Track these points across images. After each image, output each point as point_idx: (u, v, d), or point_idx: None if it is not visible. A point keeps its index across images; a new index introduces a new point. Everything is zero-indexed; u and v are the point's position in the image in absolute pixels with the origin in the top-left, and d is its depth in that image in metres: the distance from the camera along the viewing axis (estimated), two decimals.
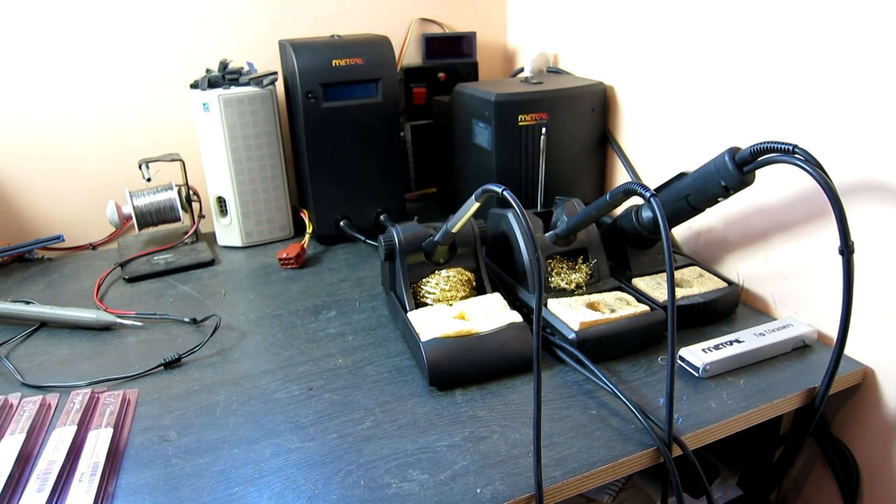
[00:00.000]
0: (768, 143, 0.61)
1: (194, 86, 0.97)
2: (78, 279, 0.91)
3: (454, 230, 0.70)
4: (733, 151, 0.64)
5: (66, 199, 1.03)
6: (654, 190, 0.68)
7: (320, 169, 0.98)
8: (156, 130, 1.08)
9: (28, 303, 0.81)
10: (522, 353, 0.67)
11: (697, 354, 0.66)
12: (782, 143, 0.60)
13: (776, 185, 0.73)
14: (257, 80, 0.96)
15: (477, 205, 0.64)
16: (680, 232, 0.89)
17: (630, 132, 0.96)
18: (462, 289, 0.75)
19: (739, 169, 0.64)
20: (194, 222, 1.03)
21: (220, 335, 0.76)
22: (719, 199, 0.68)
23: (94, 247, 1.04)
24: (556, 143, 0.93)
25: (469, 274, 0.76)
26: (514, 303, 0.78)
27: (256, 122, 0.97)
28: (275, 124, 0.99)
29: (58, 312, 0.78)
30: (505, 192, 0.56)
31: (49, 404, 0.63)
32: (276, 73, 1.00)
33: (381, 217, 1.02)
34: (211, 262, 0.97)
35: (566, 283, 0.75)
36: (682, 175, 0.73)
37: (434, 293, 0.74)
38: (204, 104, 0.96)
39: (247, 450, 0.57)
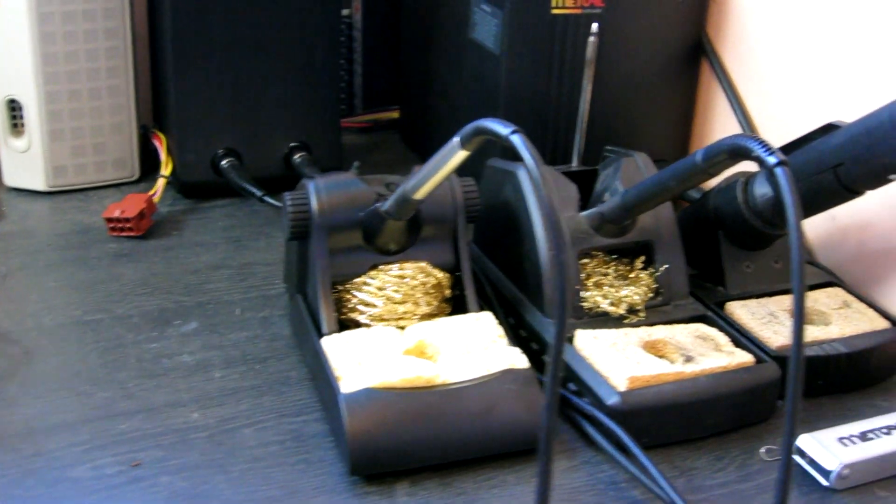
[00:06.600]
0: None
1: None
2: None
3: (417, 196, 0.69)
4: None
5: None
6: (782, 150, 0.66)
7: (194, 64, 0.98)
8: None
9: None
10: (522, 426, 0.67)
11: (830, 447, 0.67)
12: None
13: None
14: None
15: (462, 155, 0.63)
16: (817, 226, 0.90)
17: (747, 45, 0.96)
18: (426, 301, 0.76)
19: None
20: None
21: None
22: (893, 177, 0.69)
23: None
24: (613, 51, 0.94)
25: (440, 275, 0.77)
26: (518, 332, 0.78)
27: None
28: None
29: None
30: (514, 136, 0.56)
31: None
32: None
33: (297, 157, 1.03)
34: None
35: (611, 304, 0.77)
36: (830, 128, 0.75)
37: (375, 305, 0.75)
38: None
39: None
